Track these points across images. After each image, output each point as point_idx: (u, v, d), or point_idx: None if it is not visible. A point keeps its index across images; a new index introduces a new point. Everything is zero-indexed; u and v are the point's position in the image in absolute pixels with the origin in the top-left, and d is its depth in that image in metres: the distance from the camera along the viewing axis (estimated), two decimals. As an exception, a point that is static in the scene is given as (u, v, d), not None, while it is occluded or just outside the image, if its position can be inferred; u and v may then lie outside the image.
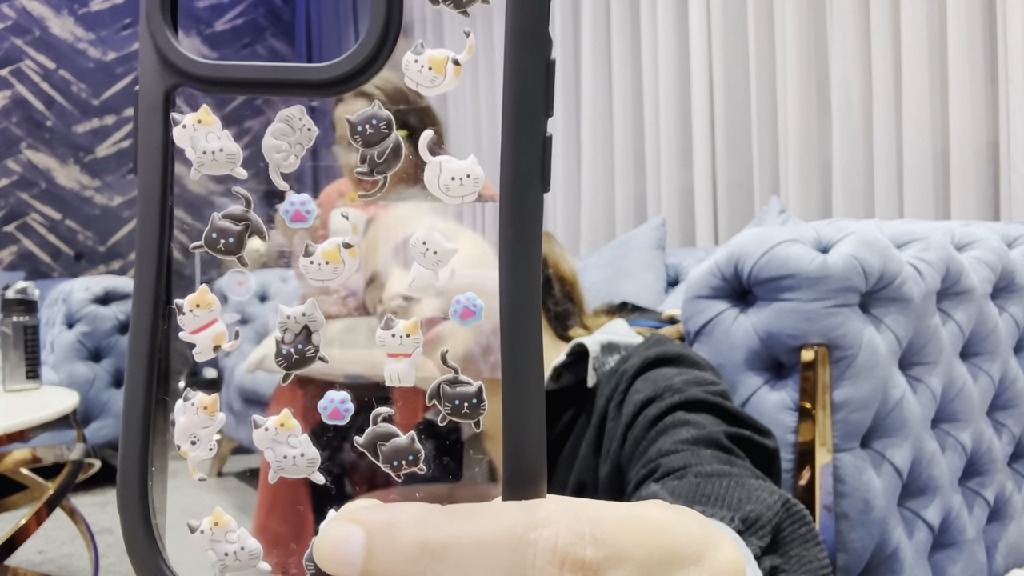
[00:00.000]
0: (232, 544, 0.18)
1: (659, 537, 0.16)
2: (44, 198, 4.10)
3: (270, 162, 0.18)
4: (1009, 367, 1.24)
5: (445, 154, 0.18)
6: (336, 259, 0.18)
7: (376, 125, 0.17)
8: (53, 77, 4.14)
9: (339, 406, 0.18)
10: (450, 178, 0.17)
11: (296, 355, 0.18)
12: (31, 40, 4.09)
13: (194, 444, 0.18)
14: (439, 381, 0.18)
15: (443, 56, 0.17)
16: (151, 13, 0.17)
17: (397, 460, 0.18)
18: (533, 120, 0.17)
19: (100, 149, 4.25)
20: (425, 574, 0.15)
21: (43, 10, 4.13)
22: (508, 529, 0.15)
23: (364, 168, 0.17)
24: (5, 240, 4.01)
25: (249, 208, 0.18)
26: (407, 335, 0.18)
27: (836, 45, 2.22)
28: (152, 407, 0.18)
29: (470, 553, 0.15)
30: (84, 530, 1.85)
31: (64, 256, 4.15)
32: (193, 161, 0.17)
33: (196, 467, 0.18)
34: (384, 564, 0.16)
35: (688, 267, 2.27)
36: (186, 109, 0.18)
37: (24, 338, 1.88)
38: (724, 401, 0.70)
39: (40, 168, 4.10)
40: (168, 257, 0.18)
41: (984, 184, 1.98)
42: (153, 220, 0.17)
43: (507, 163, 0.17)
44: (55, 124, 4.14)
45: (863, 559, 0.99)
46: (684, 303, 1.08)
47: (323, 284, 0.18)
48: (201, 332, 0.18)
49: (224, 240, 0.18)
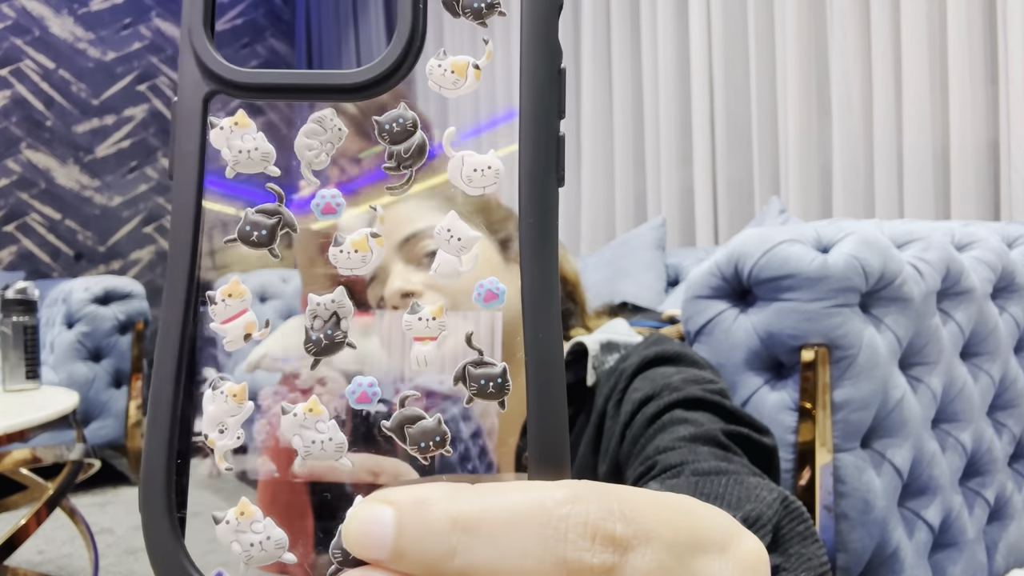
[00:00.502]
0: (258, 534, 0.18)
1: (686, 520, 0.16)
2: (44, 198, 4.10)
3: (301, 160, 0.19)
4: (1009, 367, 1.24)
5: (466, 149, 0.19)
6: (364, 248, 0.19)
7: (403, 124, 0.19)
8: (53, 77, 4.14)
9: (367, 390, 0.18)
10: (472, 170, 0.19)
11: (326, 340, 0.18)
12: (31, 40, 4.09)
13: (222, 433, 0.18)
14: (464, 363, 0.18)
15: (465, 61, 0.19)
16: (192, 25, 0.19)
17: (424, 442, 0.18)
18: (548, 121, 0.18)
19: (100, 149, 4.25)
20: (457, 549, 0.15)
21: (43, 10, 4.13)
22: (539, 504, 0.16)
23: (391, 164, 0.19)
24: (5, 240, 4.01)
25: (281, 203, 0.19)
26: (433, 318, 0.19)
27: (836, 44, 2.22)
28: (179, 400, 0.18)
29: (502, 527, 0.15)
30: (84, 530, 1.85)
31: (64, 256, 4.15)
32: (229, 161, 0.19)
33: (223, 456, 0.18)
34: (415, 541, 0.15)
35: (688, 267, 2.27)
36: (221, 114, 0.19)
37: (24, 338, 1.88)
38: (722, 399, 0.70)
39: (40, 168, 4.10)
40: (199, 253, 0.19)
41: (984, 184, 1.98)
42: (187, 217, 0.18)
43: (525, 160, 0.18)
44: (55, 124, 4.14)
45: (863, 559, 0.99)
46: (684, 303, 1.08)
47: (352, 272, 0.19)
48: (232, 321, 0.19)
49: (257, 233, 0.18)
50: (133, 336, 3.04)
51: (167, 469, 0.18)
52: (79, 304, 2.94)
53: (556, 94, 0.18)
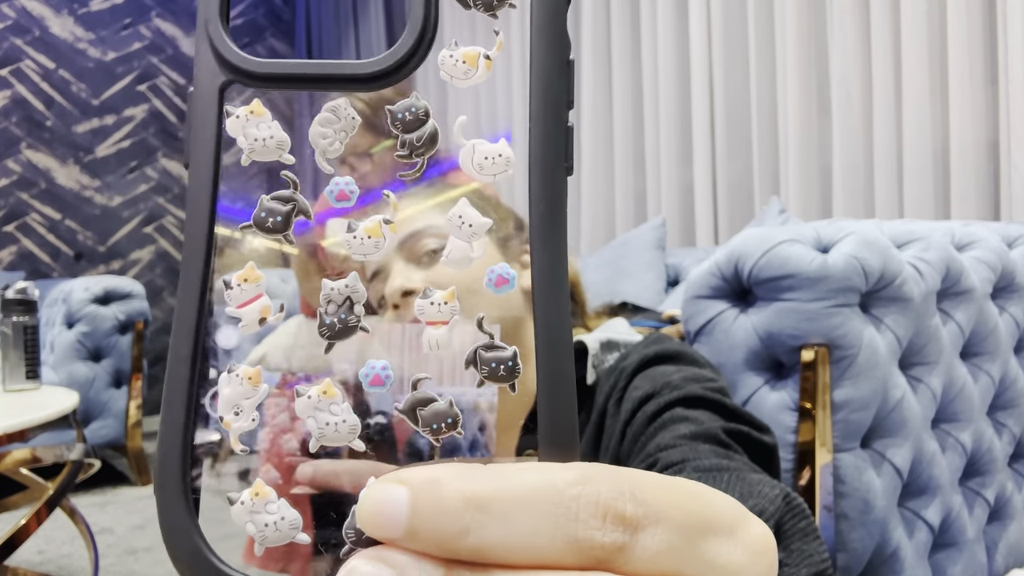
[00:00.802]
0: (272, 515, 0.18)
1: (696, 503, 0.17)
2: (44, 198, 4.10)
3: (316, 148, 0.19)
4: (1009, 367, 1.24)
5: (476, 138, 0.19)
6: (377, 234, 0.19)
7: (415, 112, 0.19)
8: (53, 77, 4.14)
9: (380, 372, 0.19)
10: (483, 158, 0.19)
11: (339, 324, 0.19)
12: (31, 40, 4.09)
13: (237, 415, 0.18)
14: (476, 347, 0.19)
15: (476, 52, 0.19)
16: (209, 16, 0.19)
17: (437, 423, 0.18)
18: (557, 111, 0.19)
19: (100, 149, 4.25)
20: (470, 527, 0.15)
21: (43, 10, 4.13)
22: (551, 484, 0.16)
23: (404, 152, 0.19)
24: (5, 240, 4.01)
25: (296, 190, 0.19)
26: (445, 303, 0.19)
27: (836, 45, 2.22)
28: (195, 384, 0.18)
29: (514, 506, 0.15)
30: (84, 530, 1.85)
31: (64, 256, 4.15)
32: (244, 148, 0.19)
33: (237, 439, 0.19)
34: (429, 520, 0.16)
35: (688, 267, 2.27)
36: (237, 103, 0.19)
37: (24, 338, 1.88)
38: (722, 398, 0.71)
39: (40, 168, 4.10)
40: (215, 239, 0.19)
41: (984, 184, 1.98)
42: (203, 205, 0.19)
43: (535, 149, 0.18)
44: (55, 124, 4.14)
45: (863, 559, 0.99)
46: (684, 303, 1.08)
47: (365, 259, 0.19)
48: (248, 306, 0.19)
49: (272, 219, 0.19)
50: (133, 336, 3.04)
51: (183, 451, 0.18)
52: (79, 304, 2.94)
53: (565, 84, 0.19)
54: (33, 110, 4.09)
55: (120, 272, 4.21)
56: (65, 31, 4.19)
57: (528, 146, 0.19)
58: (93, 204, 4.22)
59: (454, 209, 0.19)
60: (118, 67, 4.31)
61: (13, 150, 4.04)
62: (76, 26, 4.22)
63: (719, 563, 0.16)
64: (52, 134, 4.14)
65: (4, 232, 4.01)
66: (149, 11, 4.41)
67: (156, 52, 4.42)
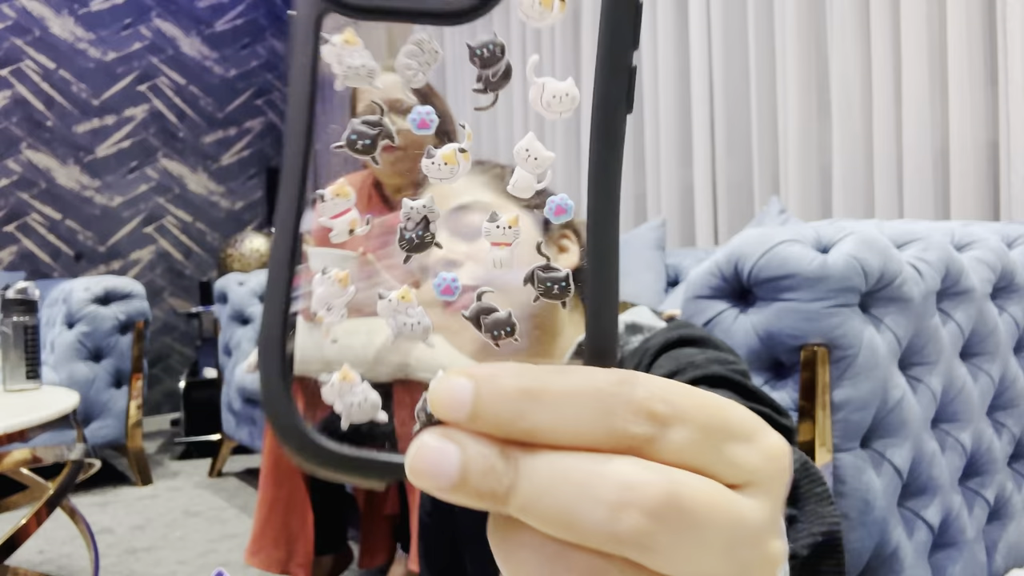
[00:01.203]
0: (356, 396, 0.20)
1: (717, 410, 0.19)
2: (44, 198, 4.10)
3: (401, 78, 0.21)
4: (1009, 367, 1.24)
5: (546, 77, 0.21)
6: (453, 161, 0.21)
7: (492, 49, 0.20)
8: (53, 77, 4.14)
9: (450, 283, 0.21)
10: (552, 96, 0.20)
11: (416, 240, 0.21)
12: (31, 40, 4.09)
13: (329, 311, 0.21)
14: (533, 267, 0.21)
15: None
16: None
17: (497, 330, 0.21)
18: (623, 52, 0.20)
19: (100, 149, 4.25)
20: (523, 413, 0.18)
21: (43, 10, 4.13)
22: (594, 383, 0.18)
23: (480, 86, 0.20)
24: (5, 240, 4.01)
25: (383, 115, 0.21)
26: (509, 227, 0.21)
27: (836, 45, 2.22)
28: (292, 277, 0.20)
29: (562, 399, 0.18)
30: (84, 530, 1.85)
31: (64, 256, 4.15)
32: (339, 74, 0.20)
33: (328, 331, 0.21)
34: (489, 406, 0.18)
35: (688, 267, 2.27)
36: (333, 32, 0.21)
37: (24, 338, 1.88)
38: (744, 379, 0.71)
39: (40, 168, 4.10)
40: (312, 153, 0.20)
41: (984, 184, 1.98)
42: (302, 124, 0.20)
43: (599, 88, 0.19)
44: (55, 124, 4.14)
45: (863, 559, 0.99)
46: (684, 303, 1.08)
47: (441, 182, 0.21)
48: (339, 218, 0.21)
49: (361, 141, 0.20)
50: (133, 336, 3.04)
51: (282, 338, 0.20)
52: (79, 304, 2.94)
53: (632, 26, 0.20)
54: (33, 110, 4.09)
55: (120, 272, 4.21)
56: (65, 31, 4.19)
57: (593, 86, 0.19)
58: (93, 204, 4.22)
59: (522, 143, 0.21)
60: (118, 67, 4.31)
61: (13, 150, 4.04)
62: (76, 26, 4.22)
63: (736, 462, 0.19)
64: (52, 134, 4.14)
65: (4, 232, 4.01)
66: (149, 11, 4.41)
67: (156, 52, 4.42)
